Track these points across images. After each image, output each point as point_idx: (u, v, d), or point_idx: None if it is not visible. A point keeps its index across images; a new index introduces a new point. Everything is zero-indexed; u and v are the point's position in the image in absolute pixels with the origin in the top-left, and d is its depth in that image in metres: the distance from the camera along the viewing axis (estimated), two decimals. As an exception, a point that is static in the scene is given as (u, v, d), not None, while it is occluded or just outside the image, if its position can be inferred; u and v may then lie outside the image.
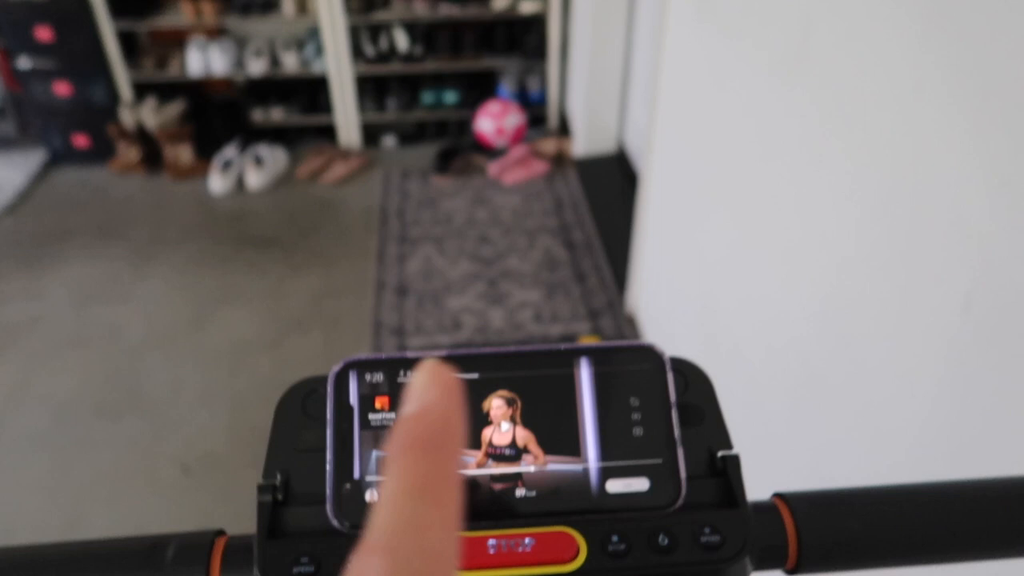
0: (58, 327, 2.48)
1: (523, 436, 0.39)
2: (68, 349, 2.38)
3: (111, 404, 2.19)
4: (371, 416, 0.39)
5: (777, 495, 0.39)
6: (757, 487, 0.40)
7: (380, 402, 0.39)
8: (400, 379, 0.39)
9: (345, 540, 0.36)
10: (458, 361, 0.39)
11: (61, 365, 2.32)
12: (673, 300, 1.90)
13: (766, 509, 0.38)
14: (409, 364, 0.39)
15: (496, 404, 0.39)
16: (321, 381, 0.40)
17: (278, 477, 0.38)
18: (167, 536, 0.37)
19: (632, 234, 2.31)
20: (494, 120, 3.35)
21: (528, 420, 0.39)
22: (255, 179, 3.26)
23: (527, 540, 0.35)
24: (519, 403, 0.39)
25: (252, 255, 2.82)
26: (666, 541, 0.35)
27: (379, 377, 0.39)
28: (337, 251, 2.84)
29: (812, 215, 1.05)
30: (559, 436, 0.39)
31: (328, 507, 0.37)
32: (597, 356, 0.40)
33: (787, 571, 0.38)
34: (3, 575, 0.35)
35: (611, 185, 3.10)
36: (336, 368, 0.39)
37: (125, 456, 2.03)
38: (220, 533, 0.38)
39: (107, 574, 0.35)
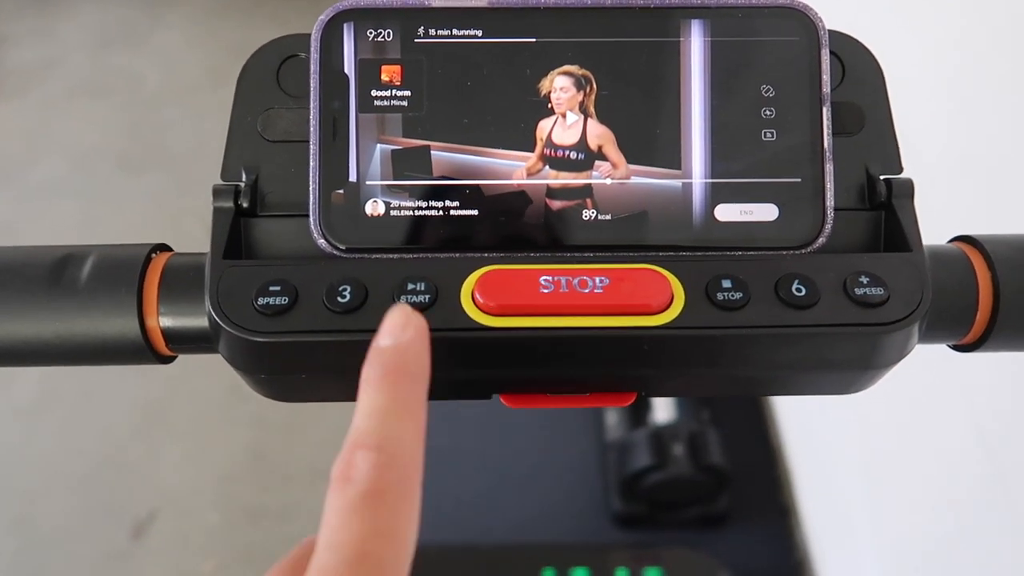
0: (74, 73, 2.35)
1: (597, 134, 0.26)
2: (86, 97, 2.27)
3: (133, 157, 2.11)
4: (374, 93, 0.26)
5: (962, 238, 0.27)
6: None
7: (388, 72, 0.26)
8: (419, 38, 0.26)
9: (332, 264, 0.25)
10: (506, 17, 0.26)
11: (80, 113, 2.22)
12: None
13: (945, 256, 0.27)
14: (432, 16, 0.26)
15: (560, 84, 0.26)
16: (303, 40, 0.27)
17: (243, 176, 0.27)
18: (86, 248, 0.26)
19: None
20: None
21: (606, 111, 0.26)
22: (278, -81, 2.94)
23: (598, 280, 0.24)
24: (594, 85, 0.26)
25: (275, 6, 2.61)
26: (803, 290, 0.24)
27: (388, 34, 0.26)
28: (367, 4, 2.61)
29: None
30: (650, 136, 0.26)
31: (312, 220, 0.26)
32: (718, 17, 0.26)
33: (961, 346, 0.27)
34: None
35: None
36: (324, 17, 0.26)
37: (150, 210, 1.97)
38: (162, 248, 0.27)
39: None
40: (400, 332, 0.22)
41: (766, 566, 1.22)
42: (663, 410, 1.25)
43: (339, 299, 0.24)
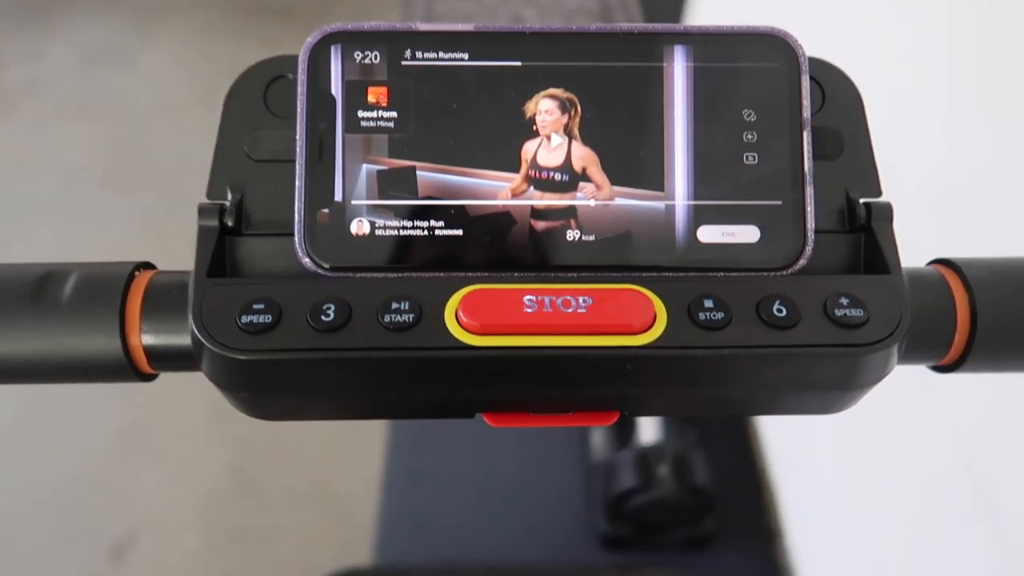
0: (62, 92, 2.35)
1: (582, 156, 0.27)
2: (73, 116, 2.27)
3: (120, 176, 2.10)
4: (361, 114, 0.26)
5: (940, 261, 0.27)
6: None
7: (375, 94, 0.26)
8: (406, 60, 0.27)
9: (316, 283, 0.25)
10: (492, 41, 0.27)
11: (66, 132, 2.22)
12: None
13: (923, 279, 0.27)
14: (418, 39, 0.26)
15: (545, 107, 0.27)
16: (291, 62, 0.27)
17: (228, 195, 0.27)
18: (69, 265, 0.26)
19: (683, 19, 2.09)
20: None
21: (590, 134, 0.27)
22: (268, -58, 2.96)
23: (581, 299, 0.24)
24: (578, 108, 0.27)
25: (266, 28, 2.62)
26: (783, 311, 0.24)
27: (375, 56, 0.26)
28: (357, 27, 2.62)
29: None
30: (634, 159, 0.27)
31: (296, 239, 0.26)
32: (701, 43, 0.27)
33: (940, 367, 0.28)
34: None
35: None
36: (312, 40, 0.27)
37: (137, 231, 1.97)
38: (145, 266, 0.27)
39: None
40: None
41: (752, 589, 1.22)
42: (649, 431, 1.25)
43: (323, 318, 0.24)
